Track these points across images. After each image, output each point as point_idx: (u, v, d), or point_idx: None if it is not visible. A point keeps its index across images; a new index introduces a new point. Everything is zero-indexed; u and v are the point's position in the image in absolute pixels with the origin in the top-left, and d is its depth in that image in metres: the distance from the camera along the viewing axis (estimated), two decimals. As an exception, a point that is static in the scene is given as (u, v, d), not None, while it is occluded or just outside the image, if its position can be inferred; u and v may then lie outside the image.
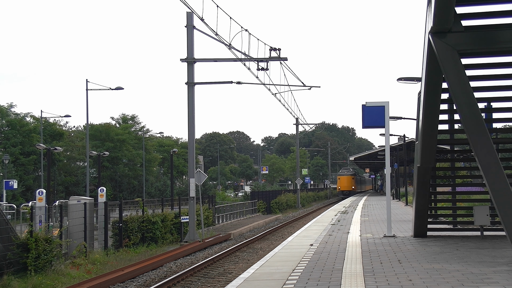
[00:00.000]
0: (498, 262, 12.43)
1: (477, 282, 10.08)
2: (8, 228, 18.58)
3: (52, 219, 28.03)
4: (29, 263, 18.03)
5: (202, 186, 34.26)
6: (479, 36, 14.05)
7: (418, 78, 28.86)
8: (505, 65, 16.40)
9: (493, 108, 18.27)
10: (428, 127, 15.50)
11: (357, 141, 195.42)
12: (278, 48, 28.82)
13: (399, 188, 60.95)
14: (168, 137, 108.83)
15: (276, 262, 13.54)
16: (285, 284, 10.48)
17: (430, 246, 15.81)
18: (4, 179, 46.94)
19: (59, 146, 50.70)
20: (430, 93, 14.99)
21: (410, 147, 54.57)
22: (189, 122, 29.94)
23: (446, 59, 13.04)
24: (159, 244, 28.34)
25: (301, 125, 69.52)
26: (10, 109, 65.02)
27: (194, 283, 18.44)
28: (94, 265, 20.95)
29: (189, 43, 29.45)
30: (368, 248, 15.63)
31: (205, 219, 33.99)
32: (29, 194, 56.33)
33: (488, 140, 12.16)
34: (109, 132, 73.15)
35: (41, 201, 24.42)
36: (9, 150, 58.44)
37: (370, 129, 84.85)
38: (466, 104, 12.64)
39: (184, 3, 23.14)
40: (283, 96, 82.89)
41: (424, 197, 17.17)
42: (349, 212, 34.40)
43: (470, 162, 21.30)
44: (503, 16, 14.71)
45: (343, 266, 12.44)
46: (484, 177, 12.05)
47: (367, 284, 10.15)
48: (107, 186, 60.03)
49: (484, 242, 16.30)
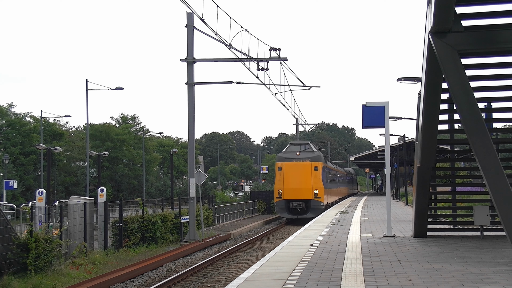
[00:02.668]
0: (498, 262, 12.43)
1: (477, 282, 10.08)
2: (8, 228, 18.58)
3: (52, 219, 28.02)
4: (29, 263, 18.03)
5: (202, 186, 34.25)
6: (479, 36, 14.05)
7: (418, 78, 28.85)
8: (505, 65, 16.40)
9: (493, 108, 18.27)
10: (428, 127, 15.50)
11: (357, 141, 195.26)
12: (278, 48, 28.83)
13: (399, 188, 60.92)
14: (168, 137, 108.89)
15: (276, 262, 13.54)
16: (285, 284, 10.48)
17: (430, 246, 15.81)
18: (4, 179, 46.93)
19: (59, 146, 50.71)
20: (430, 93, 14.98)
21: (410, 147, 54.52)
22: (189, 122, 29.94)
23: (446, 59, 13.04)
24: (159, 244, 28.34)
25: (301, 125, 69.48)
26: (10, 109, 65.08)
27: (194, 283, 18.44)
28: (94, 265, 20.95)
29: (189, 43, 29.44)
30: (368, 248, 15.63)
31: (205, 219, 33.99)
32: (29, 194, 56.33)
33: (488, 140, 12.15)
34: (109, 132, 73.16)
35: (41, 201, 24.42)
36: (9, 150, 58.45)
37: (370, 129, 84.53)
38: (466, 104, 12.64)
39: (184, 3, 23.14)
40: (283, 96, 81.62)
41: (424, 197, 17.17)
42: (349, 212, 34.40)
43: (470, 162, 21.29)
44: (503, 16, 14.71)
45: (343, 266, 12.43)
46: (484, 177, 12.05)
47: (367, 284, 10.15)
48: (107, 186, 60.02)
49: (484, 242, 16.30)
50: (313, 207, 41.49)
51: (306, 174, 42.05)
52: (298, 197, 41.77)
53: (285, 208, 42.17)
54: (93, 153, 49.75)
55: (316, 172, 42.20)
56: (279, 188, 42.44)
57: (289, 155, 43.06)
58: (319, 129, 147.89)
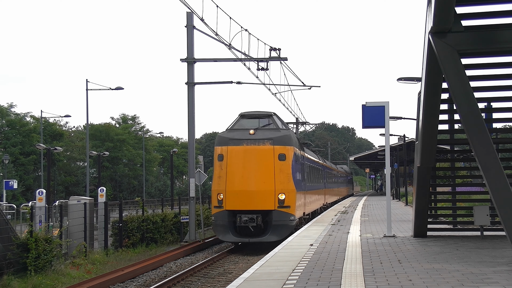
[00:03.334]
0: (498, 262, 12.43)
1: (477, 282, 10.08)
2: (8, 228, 18.59)
3: (52, 219, 28.03)
4: (29, 263, 18.04)
5: (202, 186, 34.24)
6: (479, 36, 14.05)
7: (418, 78, 28.87)
8: (505, 65, 16.41)
9: (493, 108, 18.28)
10: (428, 127, 15.50)
11: (357, 141, 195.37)
12: (278, 48, 28.84)
13: (399, 188, 60.96)
14: (168, 137, 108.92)
15: (276, 262, 13.54)
16: (285, 284, 10.48)
17: (430, 246, 15.81)
18: (4, 179, 46.97)
19: (59, 146, 50.77)
20: (430, 93, 14.99)
21: (410, 147, 54.58)
22: (189, 122, 29.93)
23: (446, 59, 13.04)
24: (159, 244, 28.35)
25: (301, 125, 69.50)
26: (10, 109, 65.15)
27: (194, 283, 18.44)
28: (94, 265, 20.97)
29: (189, 43, 29.44)
30: (368, 248, 15.63)
31: (205, 219, 33.98)
32: (29, 194, 56.39)
33: (488, 140, 12.15)
34: (109, 132, 73.24)
35: (41, 201, 24.44)
36: (9, 150, 58.49)
37: (370, 129, 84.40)
38: (466, 104, 12.64)
39: (184, 3, 23.15)
40: (283, 96, 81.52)
41: (424, 197, 17.17)
42: (349, 212, 34.40)
43: (470, 162, 21.30)
44: (503, 16, 14.72)
45: (343, 266, 12.43)
46: (484, 177, 12.05)
47: (367, 284, 10.15)
48: (107, 186, 60.06)
49: (484, 242, 16.30)
50: (277, 223, 24.47)
51: (266, 166, 24.74)
52: (251, 207, 24.62)
53: (228, 226, 24.72)
54: (93, 153, 49.79)
55: (283, 163, 24.92)
56: (218, 190, 24.99)
57: (237, 135, 25.34)
58: (319, 129, 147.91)
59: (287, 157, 25.13)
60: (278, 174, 24.78)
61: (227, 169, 25.01)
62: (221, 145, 25.43)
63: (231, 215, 24.76)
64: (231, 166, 24.99)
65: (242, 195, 24.69)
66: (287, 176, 25.08)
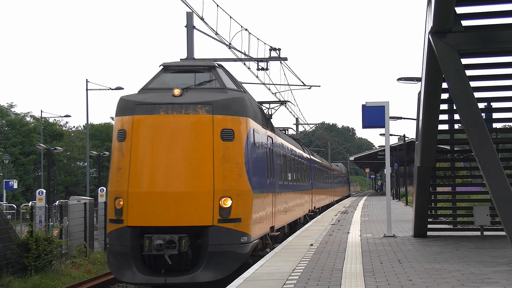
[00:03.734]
0: (498, 262, 12.43)
1: (477, 282, 10.08)
2: (8, 228, 18.58)
3: (52, 219, 28.02)
4: (29, 263, 18.02)
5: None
6: (479, 36, 14.06)
7: (418, 78, 28.87)
8: (505, 65, 16.41)
9: (493, 108, 18.28)
10: (428, 127, 15.50)
11: (357, 141, 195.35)
12: (278, 48, 28.82)
13: (399, 188, 60.95)
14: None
15: (276, 262, 13.53)
16: (285, 284, 10.48)
17: (430, 246, 15.81)
18: (4, 179, 46.99)
19: (59, 146, 50.75)
20: (430, 93, 14.99)
21: (410, 147, 54.58)
22: (189, 122, 29.81)
23: (446, 59, 13.04)
24: (159, 244, 28.28)
25: (301, 125, 69.51)
26: (10, 109, 65.17)
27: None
28: (94, 265, 20.95)
29: (189, 43, 29.38)
30: (368, 248, 15.63)
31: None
32: (29, 194, 56.40)
33: (488, 140, 12.16)
34: (109, 132, 73.21)
35: (41, 201, 24.42)
36: (9, 150, 58.51)
37: (370, 129, 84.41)
38: (466, 104, 12.65)
39: (184, 3, 23.11)
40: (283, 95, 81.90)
41: (424, 197, 17.17)
42: (349, 212, 34.40)
43: (470, 162, 21.30)
44: (503, 16, 14.72)
45: (343, 266, 12.43)
46: (484, 177, 12.05)
47: (367, 284, 10.15)
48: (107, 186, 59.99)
49: (484, 242, 16.30)
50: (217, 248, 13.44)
51: (198, 150, 13.76)
52: (170, 221, 13.45)
53: (129, 254, 13.41)
54: (93, 153, 49.75)
55: (230, 145, 13.97)
56: (116, 193, 13.91)
57: (151, 97, 14.33)
58: (319, 129, 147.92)
59: (236, 134, 14.12)
60: (220, 163, 13.83)
61: (131, 155, 13.88)
62: (122, 114, 14.35)
63: (136, 235, 13.53)
64: (138, 150, 13.91)
65: (156, 201, 13.57)
66: (237, 167, 14.06)
